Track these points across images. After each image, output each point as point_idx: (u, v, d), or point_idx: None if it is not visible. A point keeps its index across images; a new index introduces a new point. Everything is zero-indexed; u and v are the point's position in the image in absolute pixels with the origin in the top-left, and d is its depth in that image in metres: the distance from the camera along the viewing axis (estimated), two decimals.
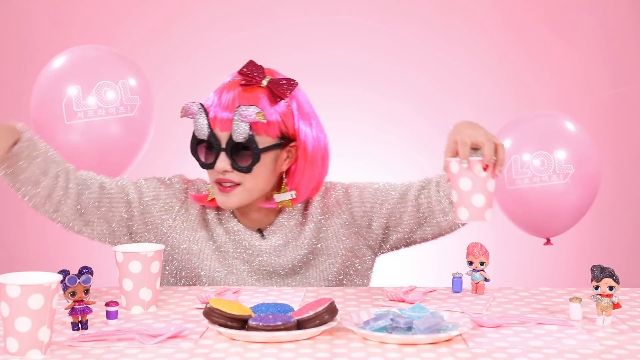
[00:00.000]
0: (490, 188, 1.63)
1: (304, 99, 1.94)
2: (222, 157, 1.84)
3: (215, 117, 1.84)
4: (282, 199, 1.91)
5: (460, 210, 1.63)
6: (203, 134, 1.85)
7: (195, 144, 1.87)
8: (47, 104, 2.23)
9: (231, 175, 1.85)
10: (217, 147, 1.84)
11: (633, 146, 3.64)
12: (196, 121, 1.85)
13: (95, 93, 2.20)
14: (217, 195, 1.89)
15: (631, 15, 3.63)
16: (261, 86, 1.86)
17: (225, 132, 1.83)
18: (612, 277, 1.49)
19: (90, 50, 2.36)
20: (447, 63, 3.65)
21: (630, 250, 3.62)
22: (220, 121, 1.83)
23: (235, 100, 1.84)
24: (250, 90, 1.85)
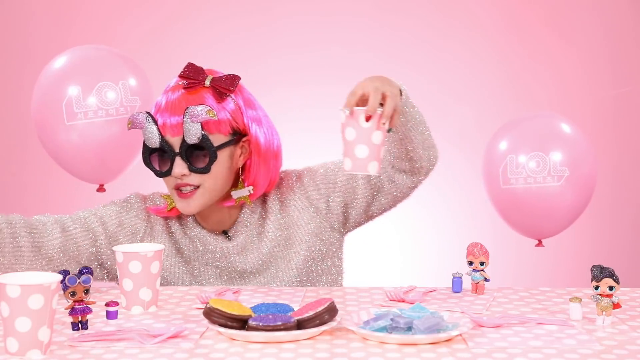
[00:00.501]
0: (375, 140, 1.60)
1: (248, 93, 1.94)
2: (178, 162, 1.84)
3: (165, 123, 1.83)
4: (240, 195, 1.91)
5: (345, 160, 1.63)
6: (155, 142, 1.84)
7: (148, 153, 1.87)
8: (48, 105, 2.23)
9: (190, 179, 1.85)
10: (171, 153, 1.83)
11: (633, 146, 3.64)
12: (145, 131, 1.84)
13: (95, 94, 2.20)
14: (177, 203, 1.88)
15: (631, 15, 3.63)
16: (205, 86, 1.86)
17: (177, 137, 1.83)
18: (612, 277, 1.49)
19: (90, 51, 2.35)
20: (447, 63, 3.65)
21: (630, 250, 3.62)
22: (170, 127, 1.83)
23: (181, 103, 1.83)
24: (195, 92, 1.85)
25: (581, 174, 2.31)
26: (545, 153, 2.28)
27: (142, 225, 1.94)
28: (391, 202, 1.99)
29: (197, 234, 1.94)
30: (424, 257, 3.61)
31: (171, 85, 1.89)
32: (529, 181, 2.30)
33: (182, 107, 1.82)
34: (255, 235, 1.94)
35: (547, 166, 2.27)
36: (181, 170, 1.83)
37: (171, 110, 1.83)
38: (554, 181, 2.27)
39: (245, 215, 1.94)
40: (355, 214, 1.99)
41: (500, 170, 2.34)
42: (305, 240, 1.95)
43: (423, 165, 1.97)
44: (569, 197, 2.30)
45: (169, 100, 1.85)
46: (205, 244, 1.93)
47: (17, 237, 1.80)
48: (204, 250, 1.93)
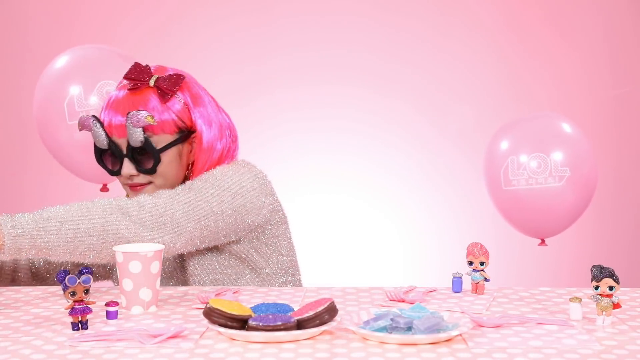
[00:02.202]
0: None
1: (196, 87, 1.94)
2: (126, 163, 1.87)
3: (110, 124, 1.86)
4: None
5: None
6: (102, 143, 1.87)
7: (99, 153, 1.90)
8: (50, 104, 2.24)
9: (139, 178, 1.89)
10: (119, 153, 1.87)
11: (633, 146, 3.64)
12: (94, 132, 1.87)
13: (97, 93, 2.20)
14: (131, 196, 1.92)
15: (631, 15, 3.63)
16: (149, 86, 1.88)
17: (123, 139, 1.87)
18: (612, 277, 1.49)
19: (91, 50, 2.36)
20: (447, 63, 3.65)
21: (630, 250, 3.63)
22: (116, 128, 1.86)
23: (124, 104, 1.86)
24: (140, 93, 1.87)
25: (582, 174, 2.31)
26: (546, 154, 2.28)
27: None
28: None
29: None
30: (424, 257, 3.61)
31: (119, 86, 1.91)
32: (531, 182, 2.30)
33: (125, 109, 1.85)
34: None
35: (549, 167, 2.27)
36: (129, 170, 1.88)
37: (114, 111, 1.86)
38: (555, 181, 2.28)
39: None
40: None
41: (502, 172, 2.34)
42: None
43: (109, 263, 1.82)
44: (570, 197, 2.31)
45: (113, 101, 1.88)
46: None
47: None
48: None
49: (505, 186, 2.33)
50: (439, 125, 3.67)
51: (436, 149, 3.67)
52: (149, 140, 1.85)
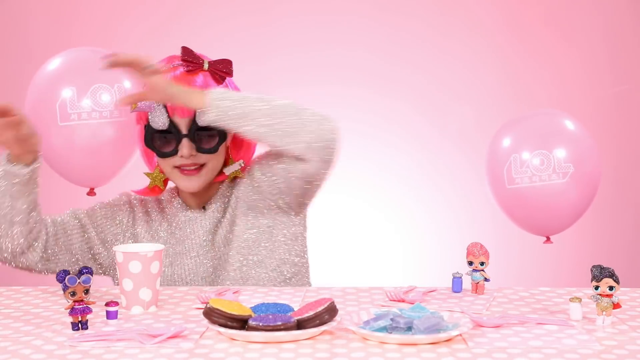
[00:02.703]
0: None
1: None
2: (185, 143, 1.88)
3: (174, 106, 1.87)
4: (232, 170, 1.97)
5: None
6: (163, 124, 1.88)
7: (151, 135, 1.90)
8: (42, 105, 2.23)
9: (195, 158, 1.90)
10: (177, 134, 1.88)
11: (633, 145, 3.64)
12: (154, 113, 1.88)
13: (90, 95, 2.19)
14: (179, 181, 1.92)
15: (631, 15, 3.63)
16: (204, 69, 1.91)
17: (185, 118, 1.87)
18: (612, 277, 1.49)
19: (86, 53, 2.35)
20: (447, 63, 3.65)
21: (630, 250, 3.62)
22: (181, 109, 1.87)
23: (189, 85, 1.87)
24: (196, 74, 1.91)
25: (586, 170, 2.31)
26: (549, 150, 2.28)
27: (129, 218, 2.00)
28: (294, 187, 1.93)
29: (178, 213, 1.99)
30: (424, 257, 3.61)
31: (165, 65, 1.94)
32: (534, 179, 2.29)
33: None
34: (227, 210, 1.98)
35: (552, 163, 2.27)
36: (190, 150, 1.88)
37: None
38: (559, 178, 2.27)
39: (223, 190, 1.99)
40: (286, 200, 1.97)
41: (505, 170, 2.33)
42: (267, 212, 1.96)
43: (300, 153, 1.84)
44: (574, 194, 2.30)
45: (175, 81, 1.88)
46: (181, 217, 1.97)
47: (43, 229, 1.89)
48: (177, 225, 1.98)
49: (509, 185, 2.32)
50: (439, 125, 3.67)
51: (436, 149, 3.67)
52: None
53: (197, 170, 1.91)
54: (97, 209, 2.00)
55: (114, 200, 2.03)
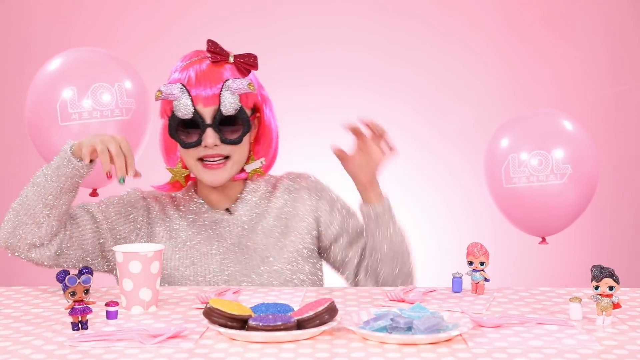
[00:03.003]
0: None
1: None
2: (209, 133, 1.87)
3: (199, 96, 1.86)
4: (253, 167, 1.97)
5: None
6: (188, 113, 1.87)
7: (175, 124, 1.88)
8: (42, 106, 2.22)
9: (219, 149, 1.89)
10: (202, 124, 1.87)
11: (633, 145, 3.64)
12: (178, 102, 1.87)
13: (90, 95, 2.19)
14: (203, 174, 1.91)
15: (631, 15, 3.63)
16: (229, 62, 1.91)
17: (209, 108, 1.87)
18: (612, 277, 1.49)
19: (86, 53, 2.35)
20: (447, 63, 3.65)
21: (630, 250, 3.62)
22: (205, 97, 1.86)
23: (215, 74, 1.87)
24: (221, 66, 1.90)
25: (584, 171, 2.30)
26: (548, 151, 2.28)
27: (143, 215, 1.98)
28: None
29: (199, 211, 1.97)
30: (424, 257, 3.61)
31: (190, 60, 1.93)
32: (532, 180, 2.29)
33: (217, 79, 1.87)
34: (256, 214, 1.97)
35: (550, 164, 2.27)
36: (214, 140, 1.87)
37: (205, 81, 1.87)
38: (556, 179, 2.27)
39: (248, 193, 1.98)
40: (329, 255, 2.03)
41: (503, 170, 2.33)
42: (300, 235, 1.97)
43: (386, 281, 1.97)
44: (572, 195, 2.30)
45: (201, 71, 1.88)
46: (206, 218, 1.96)
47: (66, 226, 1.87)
48: (202, 225, 1.95)
49: (506, 184, 2.32)
50: (439, 125, 3.67)
51: (436, 149, 3.67)
52: (242, 109, 1.87)
53: (222, 164, 1.90)
54: (110, 205, 1.96)
55: (126, 196, 1.99)
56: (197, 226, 1.96)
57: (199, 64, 1.90)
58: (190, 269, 1.93)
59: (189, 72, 1.89)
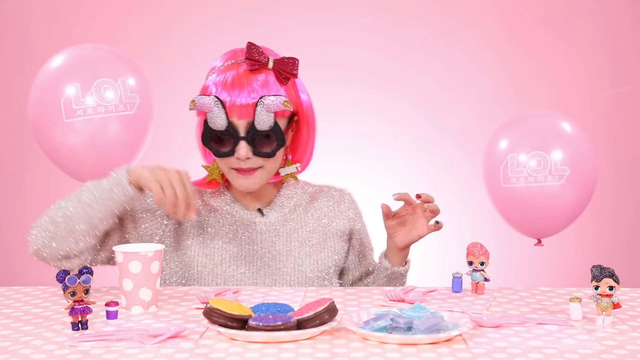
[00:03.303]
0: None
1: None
2: (242, 145, 1.84)
3: (233, 105, 1.82)
4: (288, 172, 1.95)
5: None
6: (221, 126, 1.83)
7: (209, 133, 1.86)
8: (46, 102, 2.23)
9: (251, 162, 1.86)
10: (235, 136, 1.84)
11: (633, 146, 3.64)
12: (212, 114, 1.83)
13: (94, 91, 2.19)
14: (235, 179, 1.89)
15: (631, 15, 3.63)
16: (268, 68, 1.87)
17: (243, 120, 1.83)
18: (612, 277, 1.49)
19: (89, 49, 2.35)
20: (447, 63, 3.65)
21: (630, 250, 3.62)
22: (239, 109, 1.82)
23: (251, 84, 1.83)
24: (259, 74, 1.86)
25: (582, 173, 2.30)
26: (546, 152, 2.28)
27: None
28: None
29: (230, 209, 1.94)
30: (424, 257, 3.61)
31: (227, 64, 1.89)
32: (530, 180, 2.29)
33: (253, 89, 1.83)
34: (292, 221, 1.96)
35: (548, 165, 2.27)
36: (246, 153, 1.84)
37: (241, 91, 1.83)
38: (554, 180, 2.27)
39: (282, 198, 1.97)
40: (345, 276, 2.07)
41: (501, 169, 2.33)
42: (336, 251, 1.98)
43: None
44: (569, 197, 2.30)
45: (237, 80, 1.84)
46: (237, 218, 1.93)
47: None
48: (233, 224, 1.93)
49: (504, 184, 2.32)
50: (439, 125, 3.67)
51: (436, 149, 3.67)
52: (277, 125, 1.84)
53: (254, 170, 1.87)
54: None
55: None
56: (227, 225, 1.93)
57: (236, 69, 1.86)
58: (219, 268, 1.90)
59: (226, 76, 1.85)
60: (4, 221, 3.61)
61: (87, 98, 2.19)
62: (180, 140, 3.60)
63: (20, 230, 3.59)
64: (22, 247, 3.79)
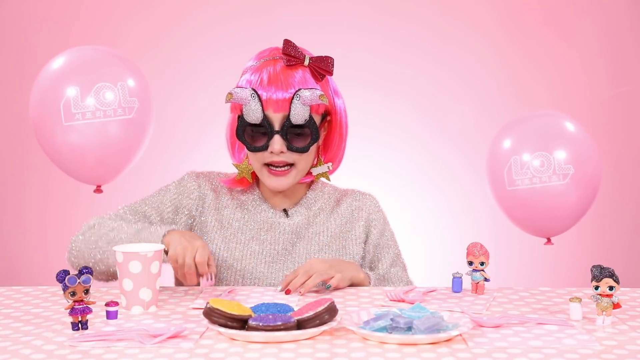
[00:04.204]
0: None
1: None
2: (276, 139, 1.85)
3: (270, 98, 1.83)
4: (320, 171, 1.95)
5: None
6: (257, 119, 1.84)
7: (243, 127, 1.87)
8: (46, 105, 2.23)
9: (285, 157, 1.87)
10: (270, 130, 1.85)
11: (633, 146, 3.64)
12: (248, 107, 1.84)
13: (93, 94, 2.19)
14: (267, 179, 1.89)
15: (631, 15, 3.63)
16: (304, 65, 1.88)
17: (279, 114, 1.84)
18: (612, 277, 1.49)
19: (89, 51, 2.35)
20: (447, 63, 3.65)
21: (630, 250, 3.62)
22: (276, 103, 1.83)
23: (288, 80, 1.84)
24: (296, 70, 1.87)
25: (586, 171, 2.30)
26: (549, 152, 2.28)
27: (194, 204, 1.95)
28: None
29: (257, 207, 1.95)
30: (424, 257, 3.61)
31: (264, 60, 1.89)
32: (535, 181, 2.29)
33: (290, 84, 1.84)
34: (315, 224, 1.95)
35: (552, 165, 2.27)
36: (280, 147, 1.85)
37: (278, 83, 1.84)
38: (559, 180, 2.27)
39: (310, 199, 1.97)
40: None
41: (505, 172, 2.33)
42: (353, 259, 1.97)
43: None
44: (574, 195, 2.30)
45: (275, 73, 1.85)
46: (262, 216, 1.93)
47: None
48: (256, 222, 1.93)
49: (509, 186, 2.32)
50: (439, 125, 3.67)
51: (436, 149, 3.66)
52: (312, 119, 1.85)
53: (286, 171, 1.88)
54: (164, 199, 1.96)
55: (181, 186, 1.97)
56: (251, 222, 1.94)
57: (272, 65, 1.87)
58: (240, 264, 1.91)
59: (261, 73, 1.86)
60: (4, 221, 3.61)
61: (86, 102, 2.19)
62: (179, 143, 3.61)
63: (21, 230, 3.61)
64: (22, 247, 3.81)
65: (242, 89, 1.84)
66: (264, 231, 1.93)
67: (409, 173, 3.65)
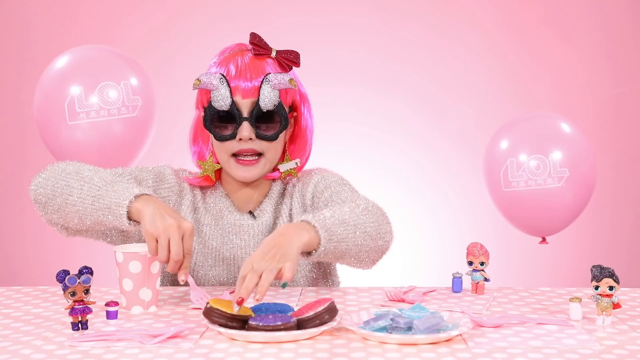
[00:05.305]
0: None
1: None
2: (245, 126, 1.82)
3: (238, 86, 1.82)
4: (287, 167, 1.91)
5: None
6: (225, 104, 1.82)
7: (211, 115, 1.84)
8: (50, 104, 2.24)
9: (254, 144, 1.83)
10: (238, 116, 1.82)
11: (633, 146, 3.64)
12: (217, 92, 1.82)
13: (97, 93, 2.20)
14: (234, 170, 1.86)
15: (631, 15, 3.63)
16: (271, 57, 1.87)
17: (247, 100, 1.82)
18: (612, 277, 1.49)
19: (92, 51, 2.36)
20: (447, 63, 3.65)
21: (630, 250, 3.63)
22: (244, 89, 1.81)
23: (255, 68, 1.83)
24: (263, 60, 1.86)
25: (581, 174, 2.31)
26: (545, 155, 2.29)
27: (173, 198, 1.91)
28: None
29: (224, 208, 1.91)
30: (424, 257, 3.61)
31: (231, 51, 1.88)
32: (530, 183, 2.30)
33: (259, 71, 1.82)
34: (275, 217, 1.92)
35: (548, 168, 2.28)
36: (249, 133, 1.82)
37: (246, 72, 1.82)
38: (554, 182, 2.28)
39: (272, 199, 1.92)
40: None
41: (502, 174, 2.34)
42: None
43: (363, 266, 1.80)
44: (569, 197, 2.31)
45: (242, 63, 1.84)
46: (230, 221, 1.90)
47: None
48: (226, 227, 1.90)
49: (505, 187, 2.33)
50: (439, 125, 3.67)
51: (436, 149, 3.67)
52: (281, 104, 1.83)
53: (255, 161, 1.85)
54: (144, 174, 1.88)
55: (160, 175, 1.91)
56: (221, 227, 1.90)
57: (240, 56, 1.86)
58: (214, 270, 1.89)
59: (229, 64, 1.85)
60: (4, 221, 3.61)
61: (90, 101, 2.20)
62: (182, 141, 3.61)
63: (21, 230, 3.61)
64: (22, 247, 3.80)
65: (210, 74, 1.82)
66: (233, 236, 1.90)
67: (409, 173, 3.65)
